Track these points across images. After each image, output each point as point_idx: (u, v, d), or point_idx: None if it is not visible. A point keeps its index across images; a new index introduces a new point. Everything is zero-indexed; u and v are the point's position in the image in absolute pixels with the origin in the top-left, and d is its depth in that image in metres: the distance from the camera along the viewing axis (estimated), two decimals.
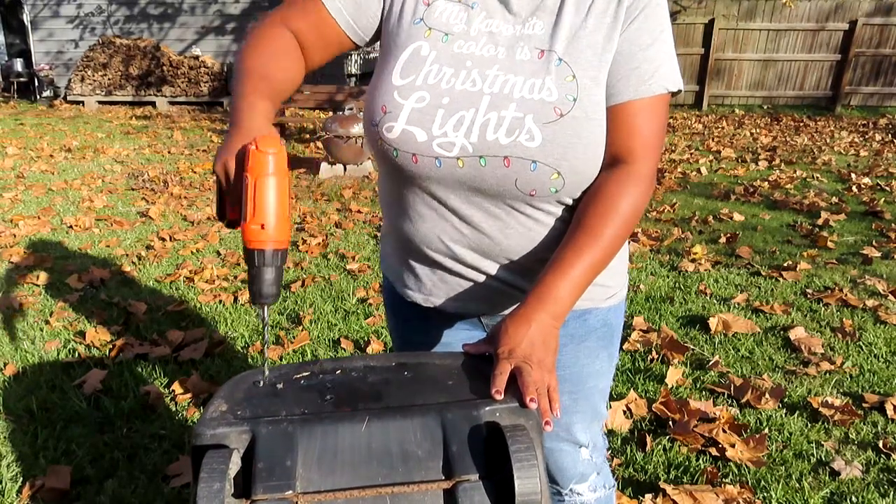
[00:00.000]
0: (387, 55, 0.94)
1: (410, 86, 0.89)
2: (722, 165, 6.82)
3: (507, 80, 0.88)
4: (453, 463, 0.66)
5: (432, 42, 0.91)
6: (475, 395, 0.74)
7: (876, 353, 2.71)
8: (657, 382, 2.46)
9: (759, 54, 11.32)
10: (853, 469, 1.98)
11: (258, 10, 11.61)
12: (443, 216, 0.96)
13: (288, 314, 3.07)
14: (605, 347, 1.10)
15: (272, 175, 0.71)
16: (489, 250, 0.97)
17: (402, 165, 0.92)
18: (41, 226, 4.42)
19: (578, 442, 1.13)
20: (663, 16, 0.91)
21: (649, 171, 0.91)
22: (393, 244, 1.09)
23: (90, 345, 2.74)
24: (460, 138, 0.88)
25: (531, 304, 0.85)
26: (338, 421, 0.69)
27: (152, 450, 2.07)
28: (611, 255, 0.90)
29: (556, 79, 0.87)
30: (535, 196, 0.91)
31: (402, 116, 0.89)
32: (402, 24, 0.94)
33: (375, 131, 0.92)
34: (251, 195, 0.71)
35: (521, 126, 0.86)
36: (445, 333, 1.12)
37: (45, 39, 11.95)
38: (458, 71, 0.89)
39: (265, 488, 0.63)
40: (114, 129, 8.91)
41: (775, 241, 4.24)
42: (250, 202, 0.71)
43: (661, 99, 0.90)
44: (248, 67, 0.91)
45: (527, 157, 0.87)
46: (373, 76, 0.98)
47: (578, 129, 0.87)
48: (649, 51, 0.89)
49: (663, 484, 1.89)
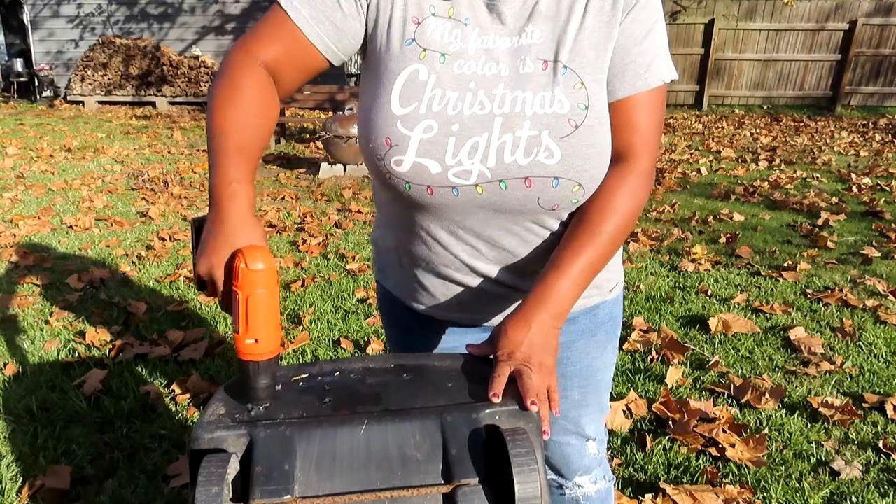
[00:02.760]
0: (378, 80, 0.87)
1: (414, 115, 0.84)
2: (722, 165, 6.81)
3: (515, 98, 0.84)
4: (453, 467, 0.65)
5: (429, 64, 0.85)
6: (475, 397, 0.74)
7: (876, 353, 2.71)
8: (657, 382, 2.46)
9: (759, 54, 11.31)
10: (853, 469, 1.98)
11: (258, 10, 11.60)
12: (461, 238, 0.93)
13: (288, 314, 3.06)
14: (610, 340, 1.11)
15: (263, 291, 0.70)
16: (508, 262, 0.95)
17: (416, 198, 0.88)
18: (41, 226, 4.42)
19: (586, 435, 1.14)
20: (657, 5, 0.89)
21: (649, 166, 0.90)
22: (398, 259, 1.05)
23: (90, 345, 2.74)
24: (477, 165, 0.85)
25: (531, 305, 0.84)
26: (336, 424, 0.69)
27: (152, 450, 2.07)
28: (611, 253, 0.89)
29: (564, 89, 0.84)
30: (557, 209, 0.89)
31: (412, 149, 0.84)
32: (392, 45, 0.87)
33: (381, 165, 0.87)
34: (243, 311, 0.70)
35: (539, 144, 0.84)
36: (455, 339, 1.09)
37: (45, 39, 11.95)
38: (463, 94, 0.84)
39: (263, 492, 0.63)
40: (114, 129, 8.91)
41: (775, 241, 4.24)
42: (242, 318, 0.70)
43: (658, 91, 0.89)
44: (223, 130, 0.82)
45: (548, 175, 0.85)
46: (362, 102, 0.91)
47: (594, 138, 0.85)
48: (643, 44, 0.87)
49: (663, 484, 1.89)
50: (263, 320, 0.71)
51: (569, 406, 1.11)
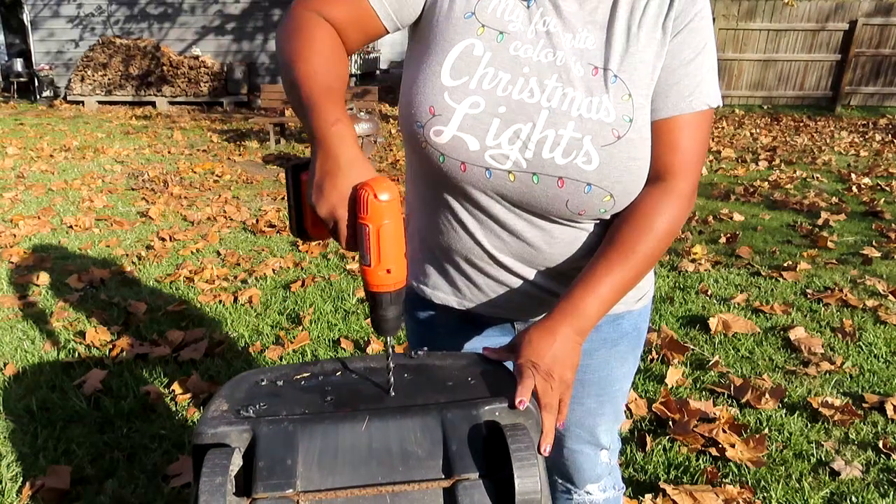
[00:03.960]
0: (430, 49, 0.87)
1: (463, 88, 0.84)
2: (722, 165, 6.82)
3: (565, 95, 0.84)
4: (453, 462, 0.66)
5: (486, 41, 0.85)
6: (475, 395, 0.74)
7: (876, 353, 2.71)
8: (657, 382, 2.46)
9: (759, 54, 11.32)
10: (853, 469, 1.98)
11: (258, 10, 11.61)
12: (485, 225, 0.93)
13: (288, 314, 3.07)
14: (632, 351, 1.10)
15: (390, 222, 0.71)
16: (531, 258, 0.95)
17: (447, 172, 0.88)
18: (41, 226, 4.42)
19: (600, 444, 1.14)
20: (708, 29, 0.88)
21: (688, 189, 0.89)
22: (420, 245, 1.04)
23: (90, 345, 2.74)
24: (515, 153, 0.85)
25: (557, 318, 0.83)
26: (338, 420, 0.69)
27: (152, 450, 2.07)
28: (643, 273, 0.88)
29: (613, 98, 0.84)
30: (584, 215, 0.89)
31: (454, 121, 0.84)
32: (452, 16, 0.86)
33: (420, 133, 0.86)
34: (374, 243, 0.71)
35: (580, 148, 0.83)
36: (473, 339, 1.09)
37: (45, 39, 11.94)
38: (515, 77, 0.84)
39: (266, 487, 0.63)
40: (114, 129, 8.91)
41: (775, 241, 4.24)
42: (374, 249, 0.71)
43: (703, 115, 0.88)
44: (309, 75, 0.81)
45: (582, 180, 0.85)
46: (408, 68, 0.91)
47: (634, 152, 0.85)
48: (691, 66, 0.86)
49: (663, 484, 1.89)
50: (395, 250, 0.72)
51: (584, 414, 1.10)
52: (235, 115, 10.67)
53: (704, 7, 0.88)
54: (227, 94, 11.53)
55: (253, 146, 7.85)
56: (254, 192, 5.61)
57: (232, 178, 6.11)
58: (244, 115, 10.56)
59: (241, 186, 5.82)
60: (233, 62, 11.66)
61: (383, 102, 10.19)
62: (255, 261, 3.81)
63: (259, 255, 3.91)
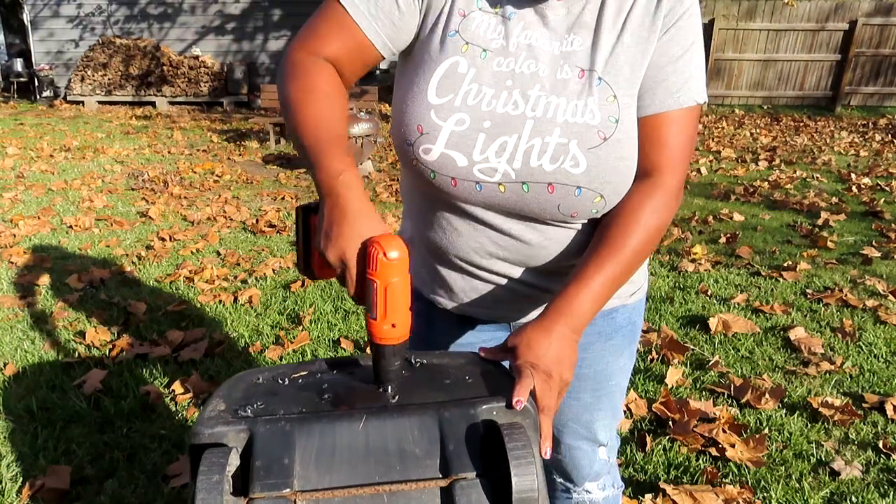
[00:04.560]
0: (418, 67, 0.89)
1: (449, 106, 0.86)
2: (722, 165, 6.82)
3: (549, 103, 0.85)
4: (450, 461, 0.66)
5: (470, 58, 0.87)
6: (473, 394, 0.74)
7: (876, 353, 2.71)
8: (657, 382, 2.46)
9: (759, 54, 11.32)
10: (853, 469, 1.98)
11: (258, 10, 11.62)
12: (480, 231, 0.94)
13: (288, 314, 3.07)
14: (628, 345, 1.11)
15: (398, 279, 0.73)
16: (526, 259, 0.96)
17: (439, 186, 0.90)
18: (41, 226, 4.42)
19: (598, 441, 1.14)
20: (696, 26, 0.89)
21: (675, 185, 0.90)
22: (419, 250, 1.06)
23: (90, 345, 2.74)
24: (503, 164, 0.86)
25: (552, 317, 0.84)
26: (335, 419, 0.69)
27: (152, 450, 2.07)
28: (634, 268, 0.89)
29: (598, 100, 0.85)
30: (576, 217, 0.90)
31: (441, 139, 0.86)
32: (435, 35, 0.89)
33: (410, 151, 0.89)
34: (381, 299, 0.73)
35: (566, 152, 0.85)
36: (468, 333, 1.10)
37: (45, 39, 11.95)
38: (498, 91, 0.86)
39: (263, 486, 0.63)
40: (114, 129, 8.92)
41: (775, 241, 4.24)
42: (380, 305, 0.73)
43: (690, 111, 0.89)
44: (314, 126, 0.84)
45: (571, 184, 0.86)
46: (399, 87, 0.93)
47: (621, 152, 0.86)
48: (679, 63, 0.87)
49: (663, 484, 1.89)
50: (400, 307, 0.74)
51: (581, 409, 1.10)
52: (235, 115, 10.68)
53: (693, 5, 0.89)
54: (227, 94, 11.54)
55: (253, 146, 7.86)
56: (254, 192, 5.62)
57: (232, 178, 6.11)
58: (244, 115, 10.56)
59: (241, 186, 5.83)
60: (233, 62, 11.67)
61: (383, 102, 10.19)
62: (255, 261, 3.81)
63: (259, 255, 3.91)
